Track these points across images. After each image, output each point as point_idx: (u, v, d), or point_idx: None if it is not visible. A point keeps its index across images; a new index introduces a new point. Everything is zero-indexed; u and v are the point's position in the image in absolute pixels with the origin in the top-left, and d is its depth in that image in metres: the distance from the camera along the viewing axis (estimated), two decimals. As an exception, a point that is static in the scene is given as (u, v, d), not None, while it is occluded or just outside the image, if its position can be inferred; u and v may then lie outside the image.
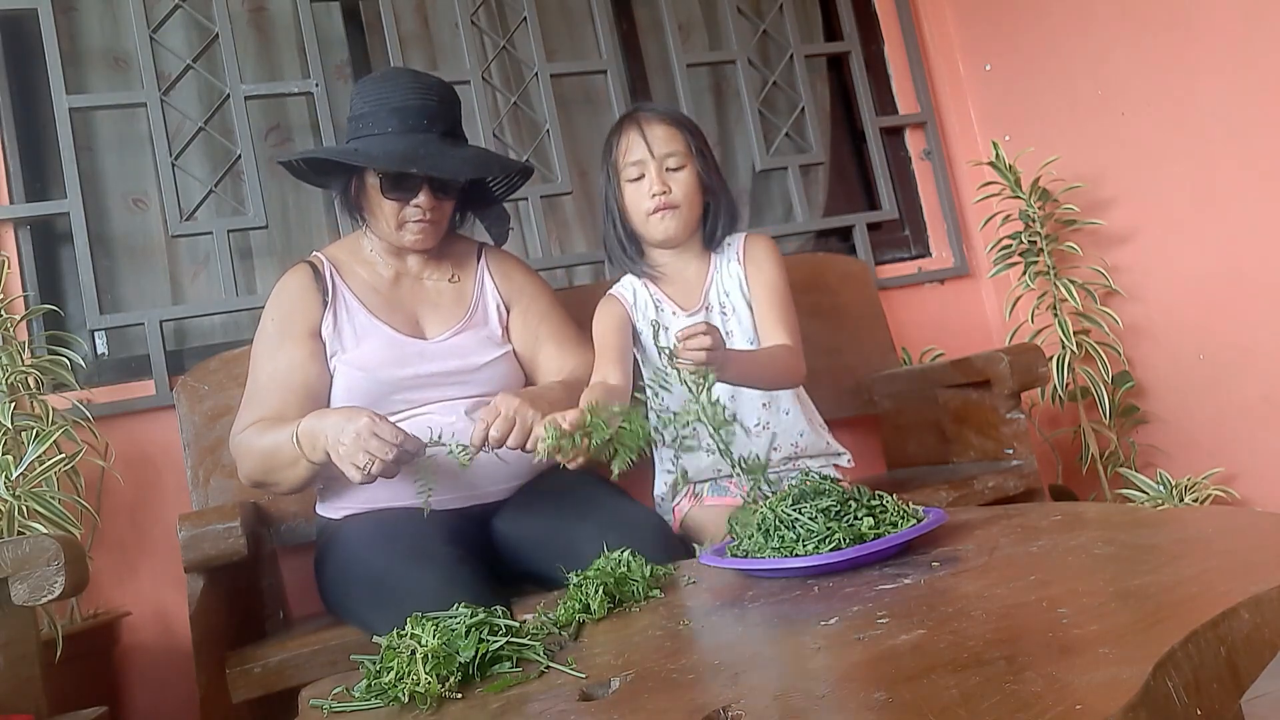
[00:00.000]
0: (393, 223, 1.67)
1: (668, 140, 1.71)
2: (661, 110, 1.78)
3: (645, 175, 1.71)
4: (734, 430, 1.31)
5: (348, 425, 1.39)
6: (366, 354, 1.64)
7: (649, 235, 1.76)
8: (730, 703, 0.68)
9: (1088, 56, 2.40)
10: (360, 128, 1.63)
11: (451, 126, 1.66)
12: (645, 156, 1.71)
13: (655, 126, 1.72)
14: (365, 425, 1.37)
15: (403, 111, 1.60)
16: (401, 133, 1.59)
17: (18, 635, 1.32)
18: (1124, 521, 1.03)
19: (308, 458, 1.48)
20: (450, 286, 1.78)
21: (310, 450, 1.47)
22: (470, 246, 1.85)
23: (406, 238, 1.68)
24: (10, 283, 2.04)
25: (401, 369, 1.63)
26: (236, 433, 1.60)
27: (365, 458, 1.36)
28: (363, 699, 0.94)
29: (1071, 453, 2.49)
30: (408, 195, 1.64)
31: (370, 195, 1.67)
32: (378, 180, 1.64)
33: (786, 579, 1.07)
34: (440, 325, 1.72)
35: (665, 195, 1.70)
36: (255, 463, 1.56)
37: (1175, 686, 0.59)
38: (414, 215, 1.66)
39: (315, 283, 1.69)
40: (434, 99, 1.63)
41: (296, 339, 1.64)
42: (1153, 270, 2.34)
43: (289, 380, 1.61)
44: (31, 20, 2.12)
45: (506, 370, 1.72)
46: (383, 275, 1.74)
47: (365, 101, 1.63)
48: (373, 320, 1.67)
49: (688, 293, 1.79)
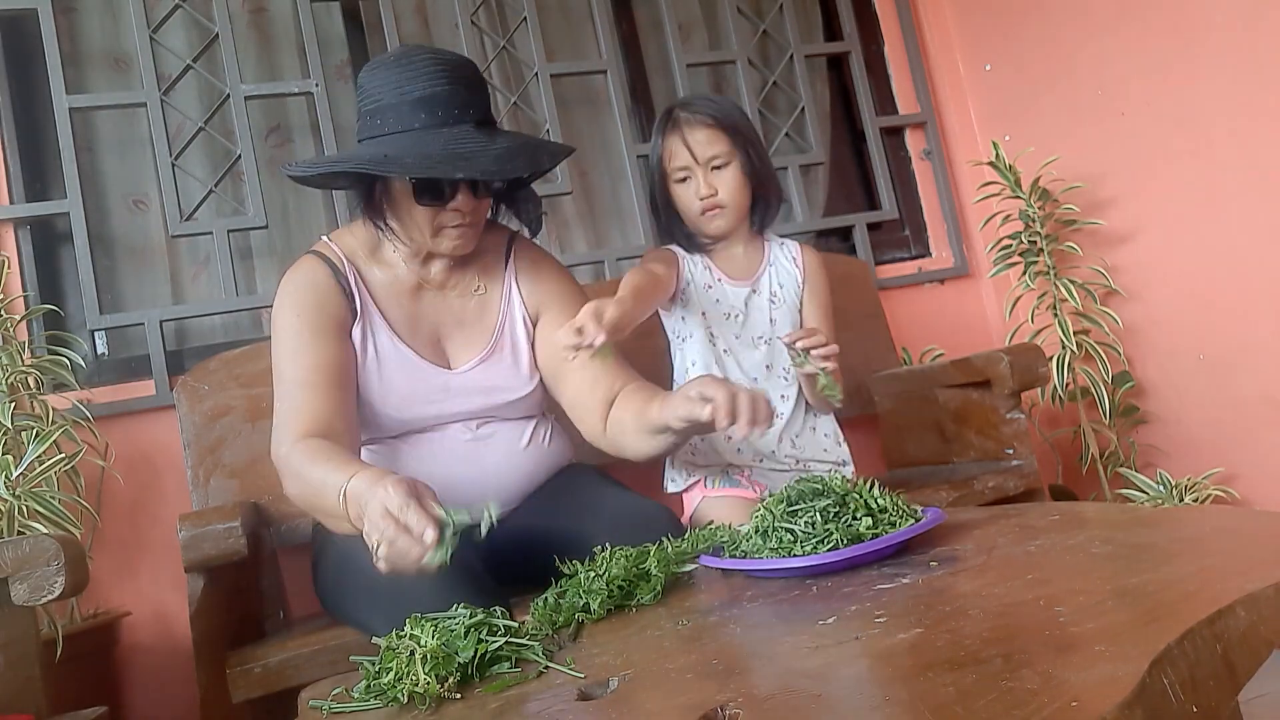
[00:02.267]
0: (428, 231, 1.48)
1: (710, 143, 1.75)
2: (703, 110, 1.78)
3: (691, 179, 1.77)
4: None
5: (375, 509, 1.14)
6: (388, 387, 1.51)
7: (701, 230, 1.82)
8: (728, 702, 0.68)
9: (1088, 56, 2.40)
10: (381, 124, 1.41)
11: (484, 113, 1.45)
12: (690, 162, 1.76)
13: (697, 131, 1.76)
14: (389, 505, 1.13)
15: (430, 102, 1.39)
16: (432, 127, 1.39)
17: (18, 635, 1.32)
18: (1122, 521, 1.03)
19: (352, 523, 1.25)
20: (476, 300, 1.61)
21: (355, 518, 1.23)
22: (498, 242, 1.66)
23: (444, 245, 1.50)
24: (10, 283, 2.04)
25: (424, 407, 1.53)
26: (281, 445, 1.40)
27: (386, 552, 1.13)
28: (362, 699, 0.94)
29: (1071, 453, 2.49)
30: (444, 200, 1.45)
31: (399, 201, 1.48)
32: (409, 185, 1.45)
33: (785, 579, 1.07)
34: (465, 350, 1.58)
35: (713, 197, 1.76)
36: (300, 490, 1.37)
37: (1171, 684, 0.59)
38: (451, 220, 1.47)
39: (336, 282, 1.51)
40: (462, 85, 1.42)
41: (328, 333, 1.47)
42: (1153, 270, 2.34)
43: (332, 380, 1.44)
44: (31, 20, 2.12)
45: (533, 403, 1.64)
46: (403, 282, 1.56)
47: (383, 91, 1.42)
48: (395, 344, 1.52)
49: (739, 268, 1.85)
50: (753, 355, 1.81)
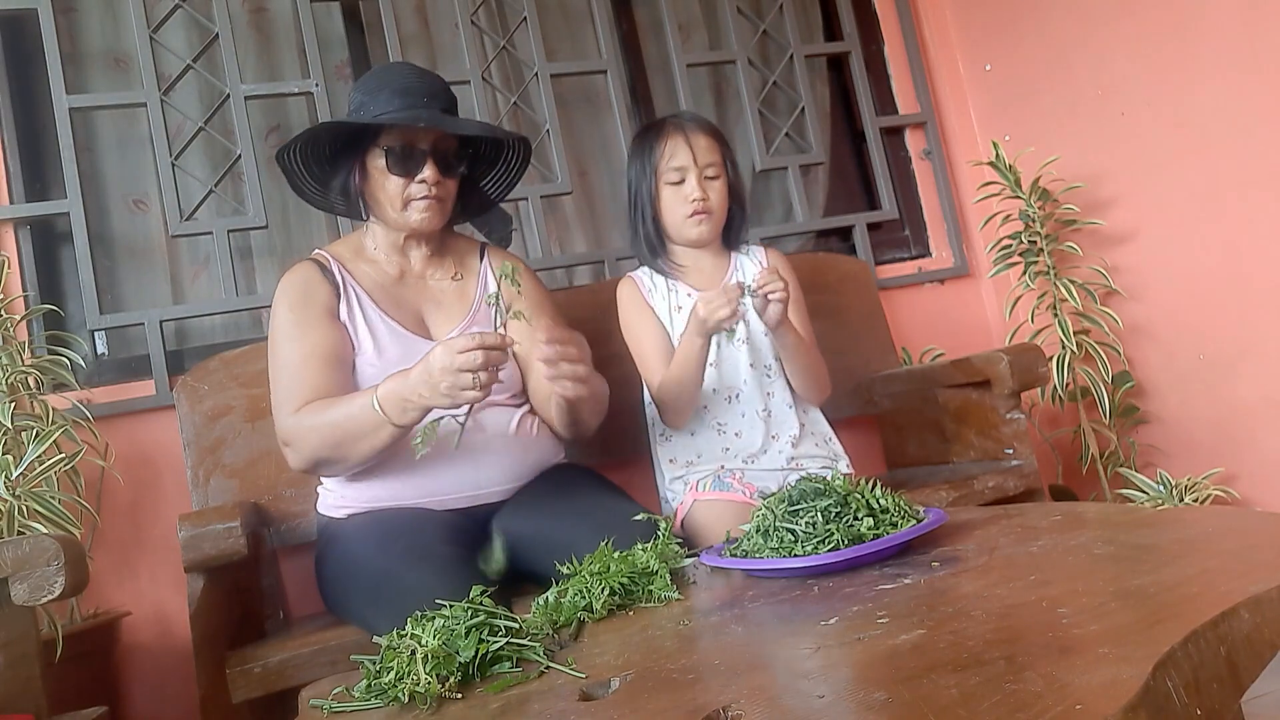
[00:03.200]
0: (398, 202, 1.66)
1: (709, 150, 1.84)
2: (701, 121, 1.89)
3: (686, 180, 1.83)
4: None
5: (430, 366, 1.39)
6: (380, 353, 1.63)
7: (683, 236, 1.88)
8: (730, 703, 0.68)
9: (1088, 56, 2.40)
10: (362, 114, 1.64)
11: (451, 106, 1.69)
12: (689, 164, 1.82)
13: (700, 137, 1.84)
14: (441, 354, 1.38)
15: (404, 91, 1.62)
16: (405, 109, 1.61)
17: (18, 635, 1.32)
18: (1124, 521, 1.03)
19: (394, 423, 1.45)
20: (453, 285, 1.78)
21: (399, 414, 1.45)
22: (473, 246, 1.86)
23: (413, 217, 1.67)
24: (10, 283, 2.04)
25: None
26: (286, 418, 1.56)
27: (468, 377, 1.36)
28: (363, 699, 0.94)
29: (1071, 453, 2.49)
30: (413, 170, 1.64)
31: (374, 178, 1.67)
32: (382, 160, 1.64)
33: (786, 579, 1.07)
34: (445, 324, 1.72)
35: (704, 202, 1.83)
36: (321, 439, 1.51)
37: (1175, 686, 0.59)
38: (419, 192, 1.65)
39: (323, 275, 1.69)
40: (432, 81, 1.67)
41: (318, 319, 1.63)
42: (1153, 270, 2.34)
43: (327, 357, 1.59)
44: (31, 20, 2.12)
45: (510, 370, 1.72)
46: (387, 272, 1.74)
47: (364, 91, 1.65)
48: (381, 316, 1.67)
49: (707, 279, 1.90)
50: (735, 356, 1.85)
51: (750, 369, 1.85)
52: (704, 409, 1.84)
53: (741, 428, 1.83)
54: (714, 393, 1.84)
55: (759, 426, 1.83)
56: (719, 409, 1.84)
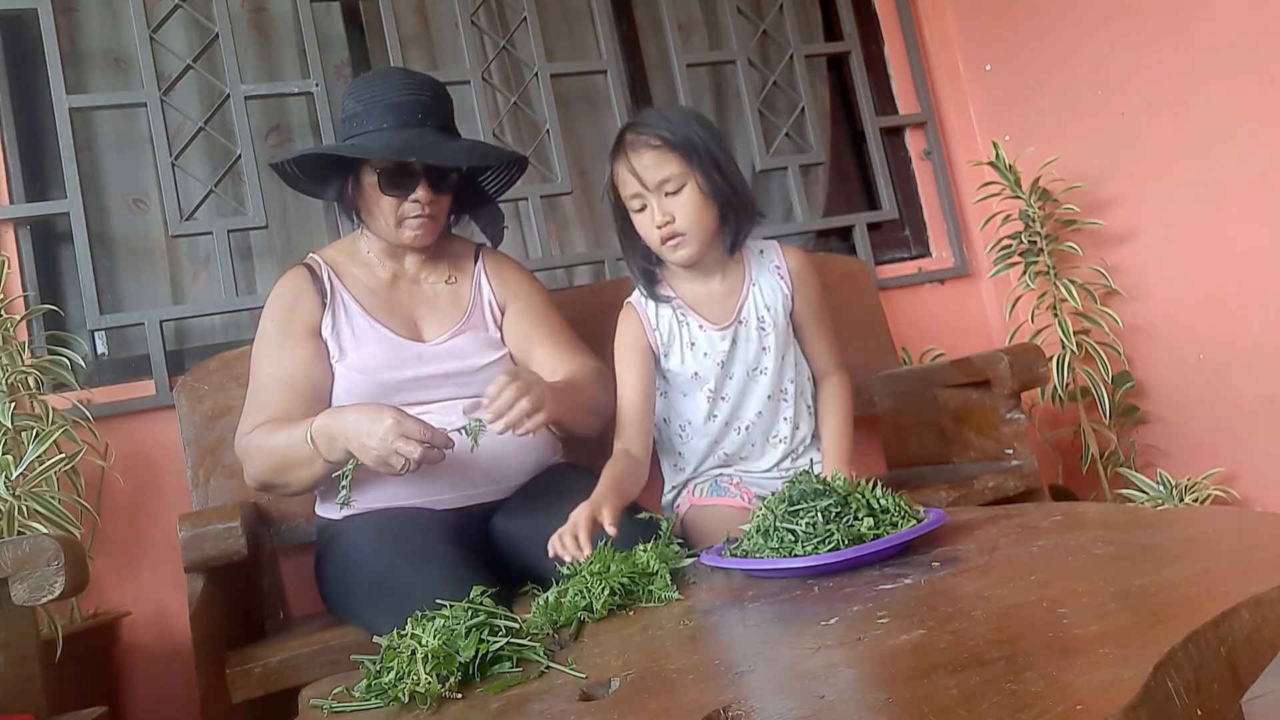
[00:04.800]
0: (391, 220, 1.66)
1: (658, 166, 1.59)
2: (650, 130, 1.60)
3: (647, 207, 1.62)
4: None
5: (373, 426, 1.39)
6: (365, 357, 1.64)
7: (666, 259, 1.69)
8: (730, 703, 0.68)
9: (1088, 56, 2.40)
10: (354, 126, 1.62)
11: (445, 121, 1.66)
12: (640, 189, 1.60)
13: (643, 154, 1.59)
14: (391, 427, 1.37)
15: (397, 107, 1.60)
16: (397, 128, 1.59)
17: (18, 635, 1.32)
18: (1124, 521, 1.03)
19: (324, 457, 1.47)
20: (447, 288, 1.77)
21: (327, 450, 1.47)
22: (467, 248, 1.85)
23: (406, 234, 1.67)
24: (10, 283, 2.04)
25: (400, 371, 1.63)
26: (242, 435, 1.59)
27: (398, 460, 1.38)
28: (363, 699, 0.94)
29: (1071, 453, 2.49)
30: (406, 190, 1.63)
31: (368, 194, 1.67)
32: (375, 177, 1.63)
33: (786, 579, 1.07)
34: (438, 327, 1.72)
35: (670, 224, 1.60)
36: (265, 463, 1.55)
37: (1176, 687, 0.59)
38: (413, 211, 1.65)
39: (313, 284, 1.69)
40: (427, 94, 1.64)
41: (298, 339, 1.64)
42: (1153, 270, 2.34)
43: (293, 380, 1.61)
44: (31, 20, 2.12)
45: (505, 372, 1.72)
46: (380, 277, 1.74)
47: (358, 101, 1.63)
48: (370, 322, 1.67)
49: (719, 308, 1.72)
50: (754, 388, 1.71)
51: (767, 399, 1.72)
52: (715, 444, 1.74)
53: (749, 454, 1.76)
54: (725, 426, 1.72)
55: (768, 452, 1.75)
56: (727, 441, 1.74)
